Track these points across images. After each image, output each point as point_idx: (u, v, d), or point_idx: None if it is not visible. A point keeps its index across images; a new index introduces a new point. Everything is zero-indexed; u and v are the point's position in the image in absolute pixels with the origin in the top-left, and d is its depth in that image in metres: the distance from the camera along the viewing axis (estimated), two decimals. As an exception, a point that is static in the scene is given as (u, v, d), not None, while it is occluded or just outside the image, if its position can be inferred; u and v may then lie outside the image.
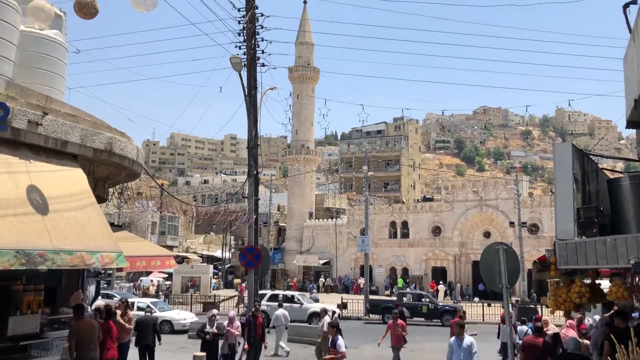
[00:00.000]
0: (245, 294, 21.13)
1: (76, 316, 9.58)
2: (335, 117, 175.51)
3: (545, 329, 10.59)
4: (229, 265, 57.91)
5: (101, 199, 11.73)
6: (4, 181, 7.76)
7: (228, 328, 12.88)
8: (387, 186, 76.99)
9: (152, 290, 40.71)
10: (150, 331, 13.16)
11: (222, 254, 57.55)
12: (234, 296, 36.64)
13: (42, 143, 8.59)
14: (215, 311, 13.75)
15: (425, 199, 57.22)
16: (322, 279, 50.65)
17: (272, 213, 52.90)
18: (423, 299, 28.82)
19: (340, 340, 10.31)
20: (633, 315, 8.33)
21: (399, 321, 15.05)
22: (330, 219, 57.31)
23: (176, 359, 14.84)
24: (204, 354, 11.85)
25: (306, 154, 59.05)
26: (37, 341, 9.20)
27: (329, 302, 34.90)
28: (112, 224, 12.04)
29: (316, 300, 31.38)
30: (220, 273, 55.33)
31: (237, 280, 51.25)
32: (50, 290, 10.54)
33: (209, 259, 59.51)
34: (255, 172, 15.53)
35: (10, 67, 8.82)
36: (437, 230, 49.35)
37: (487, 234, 46.80)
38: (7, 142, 8.10)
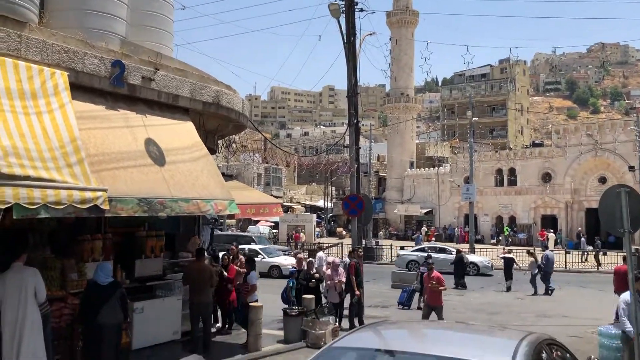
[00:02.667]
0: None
1: (197, 258, 10.20)
2: (436, 62, 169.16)
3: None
4: (331, 214, 59.09)
5: (211, 150, 12.27)
6: (124, 135, 8.32)
7: (336, 278, 12.47)
8: (493, 132, 74.00)
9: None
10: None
11: (324, 203, 58.80)
12: (337, 244, 37.42)
13: (156, 98, 9.06)
14: (320, 253, 13.89)
15: (534, 144, 54.46)
16: (424, 228, 50.33)
17: (372, 163, 52.87)
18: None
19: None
20: None
21: (435, 273, 12.43)
22: (432, 168, 56.35)
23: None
24: (312, 296, 12.25)
25: (406, 101, 57.90)
26: (161, 282, 9.98)
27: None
28: (223, 174, 12.62)
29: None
30: (323, 222, 56.65)
31: (339, 229, 52.35)
32: (170, 237, 11.34)
33: (312, 209, 61.02)
34: (355, 121, 15.47)
35: (124, 26, 9.28)
36: (547, 177, 47.02)
37: (602, 180, 43.92)
38: (124, 98, 8.63)
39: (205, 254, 12.01)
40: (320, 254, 19.98)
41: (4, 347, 6.81)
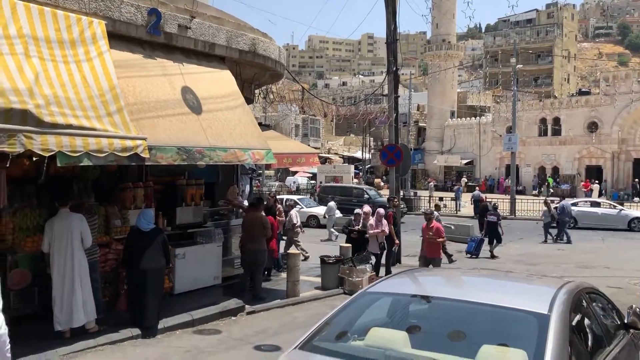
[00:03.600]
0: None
1: (253, 208, 10.51)
2: (479, 7, 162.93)
3: None
4: (368, 165, 58.87)
5: (248, 100, 12.26)
6: (162, 83, 8.36)
7: (378, 228, 12.11)
8: (537, 80, 71.52)
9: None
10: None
11: (362, 154, 58.49)
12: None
13: (192, 46, 9.02)
14: (362, 209, 13.90)
15: (580, 93, 52.46)
16: (464, 179, 49.67)
17: (411, 113, 51.96)
18: None
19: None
20: None
21: (434, 224, 11.37)
22: (473, 118, 55.11)
23: (322, 249, 15.69)
24: (349, 245, 12.35)
25: (447, 49, 56.23)
26: (201, 229, 10.21)
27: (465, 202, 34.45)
28: (260, 124, 12.63)
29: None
30: (360, 173, 56.59)
31: (377, 180, 52.22)
32: (209, 186, 11.52)
33: (350, 160, 60.92)
34: (394, 69, 15.15)
35: (158, -26, 9.17)
36: (593, 127, 45.41)
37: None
38: (161, 47, 8.62)
39: (245, 204, 12.21)
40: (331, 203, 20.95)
41: (55, 292, 7.14)
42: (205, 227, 10.36)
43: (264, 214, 10.77)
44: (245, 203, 12.28)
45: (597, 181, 41.40)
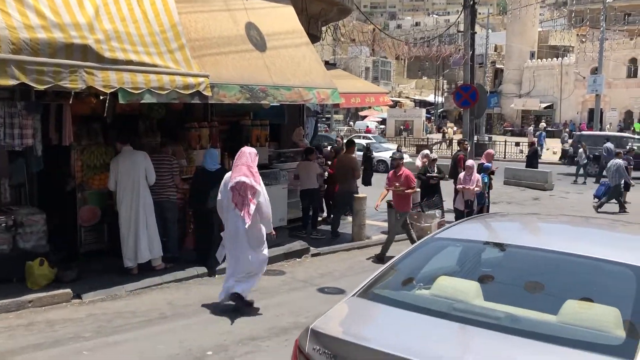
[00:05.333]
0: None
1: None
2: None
3: None
4: (441, 109, 57.10)
5: (315, 37, 11.80)
6: (225, 19, 8.06)
7: (466, 185, 10.73)
8: (629, 17, 65.83)
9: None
10: None
11: (435, 98, 56.71)
12: (440, 142, 36.27)
13: (255, -21, 8.63)
14: (428, 152, 13.31)
15: (678, 29, 47.90)
16: (542, 124, 47.23)
17: (488, 53, 49.42)
18: None
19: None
20: None
21: (403, 171, 9.32)
22: (555, 59, 51.76)
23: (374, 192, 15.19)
24: (418, 190, 11.91)
25: (529, -16, 52.47)
26: (267, 171, 10.07)
27: (551, 147, 32.78)
28: (325, 62, 12.20)
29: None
30: (432, 117, 55.04)
31: (450, 124, 50.65)
32: (275, 127, 11.33)
33: (421, 104, 59.28)
34: (471, 3, 14.14)
35: None
36: (690, 67, 41.64)
37: None
38: (223, -20, 8.28)
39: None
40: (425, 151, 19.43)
41: (122, 229, 7.24)
42: (271, 168, 10.22)
43: (354, 156, 10.90)
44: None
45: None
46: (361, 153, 16.22)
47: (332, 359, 2.64)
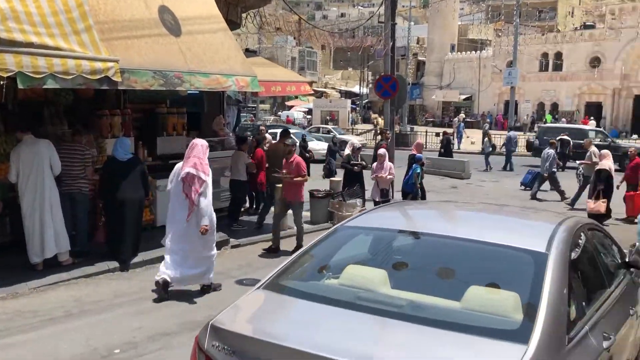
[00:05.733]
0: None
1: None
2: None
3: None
4: (366, 100, 57.93)
5: (235, 24, 11.55)
6: (136, 1, 7.69)
7: (378, 174, 10.87)
8: (541, 14, 69.27)
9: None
10: None
11: (360, 89, 57.44)
12: (371, 130, 36.85)
13: (169, -40, 8.28)
14: (356, 142, 13.37)
15: (585, 26, 50.85)
16: (461, 115, 48.92)
17: (410, 46, 50.50)
18: None
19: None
20: None
21: (294, 158, 8.89)
22: (473, 52, 53.68)
23: (318, 185, 15.32)
24: (340, 179, 11.98)
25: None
26: (185, 160, 9.78)
27: (470, 138, 34.02)
28: (246, 50, 12.00)
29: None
30: (358, 108, 55.74)
31: (374, 115, 51.48)
32: (195, 116, 11.02)
33: (347, 94, 59.86)
34: (392, -6, 14.27)
35: None
36: (595, 62, 44.31)
37: (657, 66, 41.22)
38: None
39: (230, 135, 11.76)
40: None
41: (26, 222, 6.80)
42: (188, 158, 9.92)
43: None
44: (232, 135, 11.82)
45: (592, 118, 40.67)
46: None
47: (232, 355, 2.54)
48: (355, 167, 11.78)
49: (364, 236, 3.71)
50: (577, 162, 15.63)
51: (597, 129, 27.80)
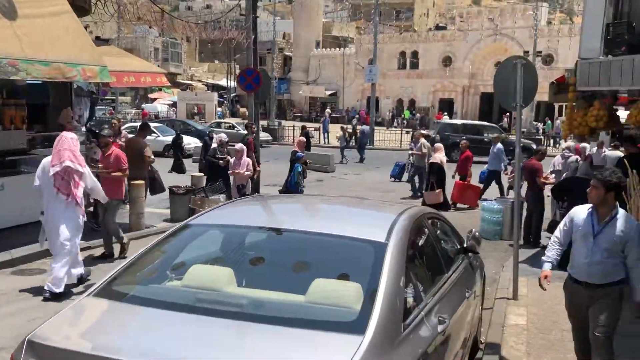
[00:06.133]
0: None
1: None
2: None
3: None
4: (234, 94, 57.32)
5: (83, 10, 10.72)
6: (-42, -22, 6.83)
7: (235, 169, 10.67)
8: (399, 15, 73.12)
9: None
10: None
11: (227, 82, 56.65)
12: (238, 123, 36.44)
13: None
14: (223, 136, 13.08)
15: (437, 27, 54.53)
16: (328, 110, 50.23)
17: (277, 40, 50.80)
18: None
19: None
20: None
21: (112, 151, 7.98)
22: (337, 48, 55.27)
23: (177, 180, 14.81)
24: (202, 174, 11.66)
25: (314, -25, 55.08)
26: (25, 157, 8.92)
27: (334, 132, 34.94)
28: (97, 38, 11.22)
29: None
30: (225, 102, 54.98)
31: (242, 109, 51.11)
32: (39, 108, 10.09)
33: (214, 88, 58.79)
34: (253, -14, 14.15)
35: None
36: (447, 61, 47.74)
37: (499, 65, 45.29)
38: None
39: (82, 129, 10.94)
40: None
41: None
42: (30, 154, 9.05)
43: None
44: (83, 129, 10.99)
45: (445, 113, 43.87)
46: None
47: None
48: (221, 162, 11.54)
49: (214, 233, 3.57)
50: (409, 152, 16.39)
51: (490, 124, 30.03)
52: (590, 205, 4.09)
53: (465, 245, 4.41)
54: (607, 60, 7.66)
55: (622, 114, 9.69)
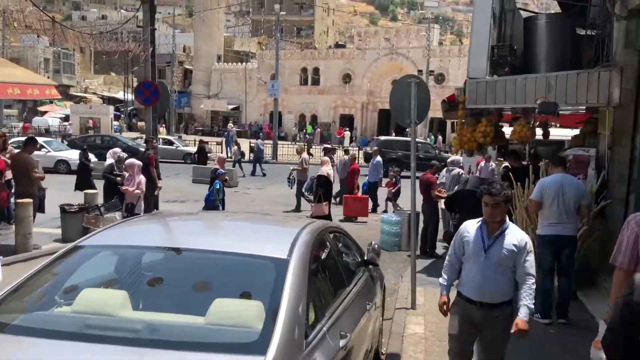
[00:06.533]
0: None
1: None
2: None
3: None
4: (131, 107, 55.27)
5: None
6: None
7: (125, 186, 10.03)
8: (300, 32, 74.29)
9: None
10: None
11: (124, 95, 54.53)
12: (136, 138, 35.15)
13: None
14: (119, 151, 12.52)
15: (337, 45, 56.01)
16: (230, 125, 49.74)
17: (177, 53, 49.75)
18: None
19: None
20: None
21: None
22: (239, 63, 55.07)
23: (71, 198, 14.01)
24: (95, 191, 11.10)
25: (214, -11, 54.71)
26: None
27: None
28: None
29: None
30: (122, 115, 52.88)
31: (141, 123, 49.36)
32: None
33: (111, 101, 56.39)
34: (150, -3, 13.77)
35: None
36: (347, 78, 49.08)
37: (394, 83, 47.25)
38: None
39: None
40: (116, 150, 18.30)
41: None
42: None
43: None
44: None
45: (347, 129, 45.14)
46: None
47: None
48: (118, 179, 11.00)
49: (107, 254, 3.39)
50: (291, 167, 16.88)
51: (424, 141, 31.19)
52: (479, 219, 3.90)
53: (365, 258, 4.51)
54: (492, 80, 8.22)
55: (507, 130, 10.40)
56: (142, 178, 10.10)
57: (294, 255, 3.08)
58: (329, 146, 24.23)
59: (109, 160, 12.69)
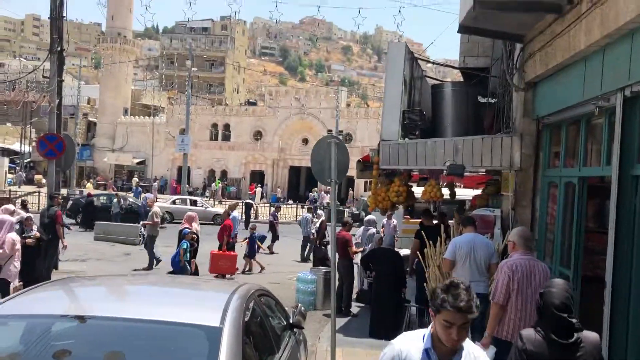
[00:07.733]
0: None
1: None
2: (158, 9, 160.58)
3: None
4: (29, 159, 52.17)
5: None
6: None
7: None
8: (211, 88, 74.51)
9: None
10: None
11: (21, 147, 51.48)
12: (34, 192, 33.09)
13: None
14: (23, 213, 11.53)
15: (249, 103, 56.58)
16: (135, 179, 48.16)
17: (81, 105, 47.98)
18: None
19: None
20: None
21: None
22: (147, 117, 54.01)
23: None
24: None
25: (123, 43, 53.94)
26: None
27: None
28: None
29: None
30: (19, 168, 49.72)
31: (38, 177, 46.60)
32: None
33: (5, 152, 52.92)
34: (59, 48, 13.36)
35: None
36: (258, 135, 49.46)
37: (305, 141, 48.15)
38: None
39: None
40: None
41: None
42: None
43: None
44: None
45: (260, 185, 45.16)
46: None
47: None
48: (28, 240, 10.03)
49: (11, 325, 3.09)
50: (141, 222, 16.67)
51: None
52: (422, 334, 2.61)
53: (291, 321, 4.42)
54: (404, 142, 8.60)
55: (416, 189, 10.84)
56: (10, 237, 8.14)
57: (227, 322, 2.95)
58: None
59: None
